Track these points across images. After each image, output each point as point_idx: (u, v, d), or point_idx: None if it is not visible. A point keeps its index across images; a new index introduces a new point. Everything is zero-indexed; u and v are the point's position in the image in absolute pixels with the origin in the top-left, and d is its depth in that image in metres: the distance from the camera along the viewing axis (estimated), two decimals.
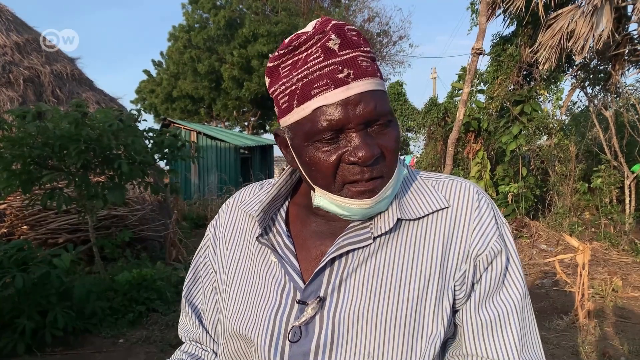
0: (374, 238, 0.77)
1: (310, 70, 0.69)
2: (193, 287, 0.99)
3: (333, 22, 0.70)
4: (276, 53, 0.73)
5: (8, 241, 5.02)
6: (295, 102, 0.71)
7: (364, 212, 0.75)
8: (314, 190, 0.78)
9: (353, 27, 0.72)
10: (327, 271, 0.77)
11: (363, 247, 0.77)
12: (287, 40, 0.72)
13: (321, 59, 0.69)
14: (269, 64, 0.74)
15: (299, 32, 0.72)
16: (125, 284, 4.71)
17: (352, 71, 0.68)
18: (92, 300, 4.19)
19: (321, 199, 0.77)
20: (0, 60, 7.10)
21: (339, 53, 0.69)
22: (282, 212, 0.88)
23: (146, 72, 26.03)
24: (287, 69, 0.72)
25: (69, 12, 74.67)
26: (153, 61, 25.76)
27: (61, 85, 7.56)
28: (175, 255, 6.40)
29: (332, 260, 0.77)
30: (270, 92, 0.76)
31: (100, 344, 4.10)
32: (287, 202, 0.89)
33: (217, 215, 0.98)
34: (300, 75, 0.70)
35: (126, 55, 75.84)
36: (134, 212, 6.71)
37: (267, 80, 0.76)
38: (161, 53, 25.32)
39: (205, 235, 0.98)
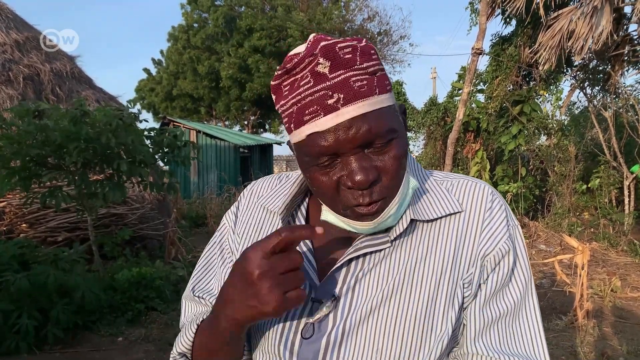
0: (391, 241, 0.78)
1: (302, 95, 0.69)
2: (205, 275, 0.95)
3: (322, 43, 0.68)
4: (277, 72, 0.73)
5: (7, 239, 5.02)
6: (292, 125, 0.72)
7: (369, 231, 0.76)
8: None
9: (347, 44, 0.69)
10: (343, 271, 0.79)
11: (380, 250, 0.78)
12: (284, 61, 0.72)
13: (311, 84, 0.68)
14: (272, 82, 0.74)
15: (292, 53, 0.72)
16: (125, 283, 4.71)
17: (342, 95, 0.67)
18: (91, 297, 4.19)
19: (328, 214, 0.78)
20: (0, 58, 7.10)
21: (330, 76, 0.67)
22: (303, 209, 0.88)
23: (146, 70, 26.06)
24: (286, 89, 0.72)
25: (67, 8, 74.65)
26: (153, 60, 25.81)
27: (61, 83, 7.56)
28: (174, 254, 6.40)
29: (349, 260, 0.79)
30: (276, 108, 0.77)
31: (98, 342, 4.10)
32: (307, 199, 0.90)
33: (236, 206, 0.96)
34: (294, 100, 0.70)
35: (126, 53, 75.80)
36: (134, 210, 6.71)
37: (273, 97, 0.76)
38: (161, 52, 25.36)
39: (222, 225, 0.97)
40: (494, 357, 0.76)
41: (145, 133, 5.06)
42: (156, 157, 5.14)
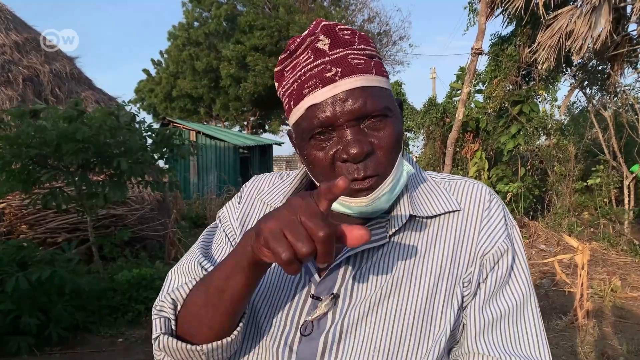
0: (389, 237, 0.78)
1: (303, 71, 0.73)
2: (212, 249, 0.91)
3: (323, 23, 0.73)
4: (280, 57, 0.77)
5: (7, 240, 5.01)
6: (292, 102, 0.75)
7: (362, 210, 0.76)
8: None
9: (347, 27, 0.74)
10: (342, 269, 0.79)
11: (378, 246, 0.78)
12: (287, 44, 0.76)
13: (311, 59, 0.72)
14: (276, 68, 0.78)
15: (296, 36, 0.75)
16: (125, 283, 4.71)
17: (340, 69, 0.71)
18: (92, 298, 4.18)
19: None
20: (0, 59, 7.10)
21: (329, 53, 0.71)
22: None
23: (145, 71, 26.03)
24: (288, 72, 0.75)
25: (67, 9, 74.61)
26: (152, 60, 25.79)
27: (60, 84, 7.55)
28: (174, 254, 6.39)
29: (347, 258, 0.78)
30: (278, 94, 0.80)
31: (99, 343, 4.10)
32: None
33: (239, 196, 0.95)
34: (295, 77, 0.74)
35: (125, 54, 75.82)
36: (133, 211, 6.71)
37: (276, 84, 0.79)
38: (160, 52, 25.34)
39: (221, 212, 0.95)
40: (496, 356, 0.75)
41: (144, 133, 5.06)
42: (155, 156, 5.14)
